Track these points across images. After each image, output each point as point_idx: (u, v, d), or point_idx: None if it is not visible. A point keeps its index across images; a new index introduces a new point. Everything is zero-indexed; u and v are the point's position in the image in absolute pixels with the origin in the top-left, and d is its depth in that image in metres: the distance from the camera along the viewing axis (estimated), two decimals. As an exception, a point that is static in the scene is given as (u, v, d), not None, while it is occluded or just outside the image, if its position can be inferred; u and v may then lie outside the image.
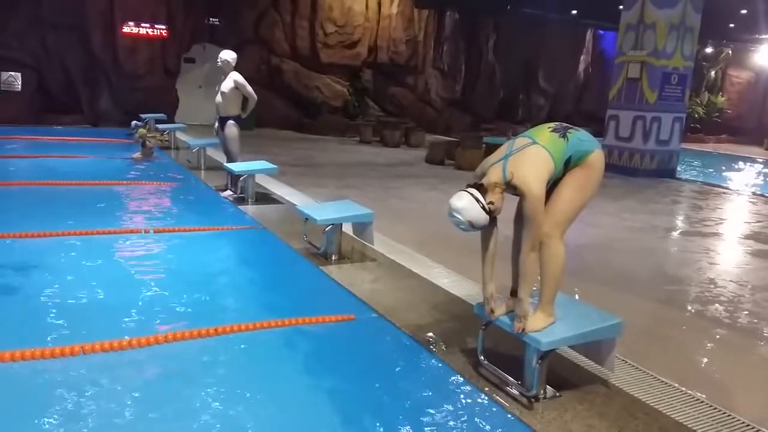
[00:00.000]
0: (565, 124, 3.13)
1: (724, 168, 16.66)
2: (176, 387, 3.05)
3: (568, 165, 3.02)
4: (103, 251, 5.16)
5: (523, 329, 2.96)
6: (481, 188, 2.92)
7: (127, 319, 3.79)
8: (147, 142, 10.36)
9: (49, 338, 3.42)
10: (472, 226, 2.91)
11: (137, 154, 10.13)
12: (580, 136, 3.06)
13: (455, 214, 2.90)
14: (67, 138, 12.14)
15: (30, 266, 4.64)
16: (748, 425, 2.92)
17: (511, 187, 2.95)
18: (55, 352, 3.23)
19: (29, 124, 13.64)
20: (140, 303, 4.09)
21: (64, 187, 7.72)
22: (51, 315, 3.80)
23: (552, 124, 3.13)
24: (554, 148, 2.97)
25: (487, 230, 3.09)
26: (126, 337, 3.46)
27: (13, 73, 14.16)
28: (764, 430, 2.90)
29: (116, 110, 14.84)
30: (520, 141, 3.07)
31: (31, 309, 3.88)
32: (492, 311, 3.14)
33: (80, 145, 11.32)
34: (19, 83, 14.25)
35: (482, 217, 2.89)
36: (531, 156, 2.96)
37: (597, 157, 3.07)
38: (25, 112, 13.99)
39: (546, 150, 2.96)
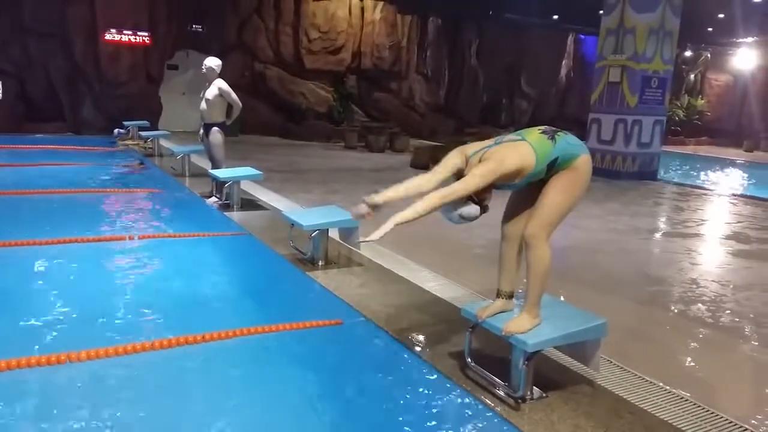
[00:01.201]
0: (554, 128, 3.16)
1: (704, 170, 16.88)
2: (162, 395, 3.04)
3: (553, 167, 3.04)
4: (87, 259, 5.12)
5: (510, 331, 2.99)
6: None
7: (111, 328, 3.76)
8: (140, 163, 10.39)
9: (33, 347, 3.38)
10: (464, 218, 2.97)
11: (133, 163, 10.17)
12: (568, 139, 3.09)
13: (446, 212, 2.95)
14: (49, 146, 12.04)
15: (12, 275, 4.60)
16: (731, 422, 2.97)
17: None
18: (40, 361, 3.20)
19: (10, 132, 13.52)
20: (125, 311, 4.06)
21: (46, 195, 7.65)
22: (35, 324, 3.76)
23: (542, 127, 3.17)
24: (540, 147, 3.00)
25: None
26: (111, 346, 3.43)
27: (-7, 81, 14.03)
28: (747, 427, 2.95)
29: (99, 118, 14.75)
30: (509, 137, 3.13)
31: (14, 318, 3.84)
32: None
33: (63, 153, 11.22)
34: (0, 91, 14.10)
35: (473, 209, 2.95)
36: (511, 145, 3.02)
37: (584, 161, 3.09)
38: (6, 120, 13.85)
39: (531, 146, 2.99)
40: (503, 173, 2.93)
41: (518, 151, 2.98)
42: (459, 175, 3.02)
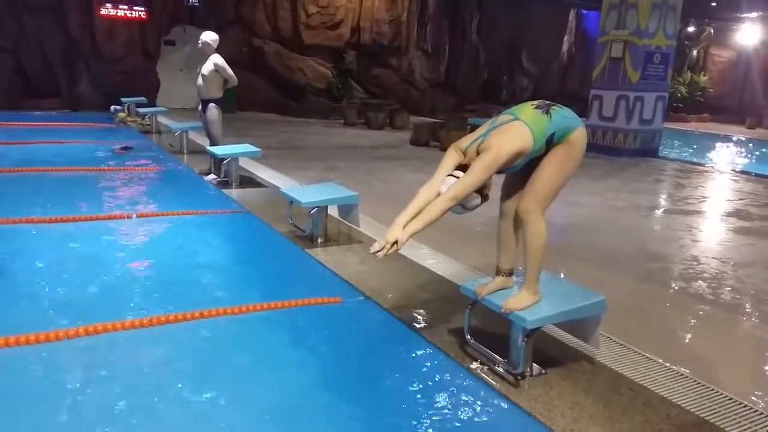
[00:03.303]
0: (548, 102, 3.11)
1: (706, 147, 16.78)
2: (161, 371, 3.04)
3: (551, 143, 3.00)
4: (86, 237, 5.10)
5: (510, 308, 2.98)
6: (466, 169, 2.91)
7: (110, 304, 3.74)
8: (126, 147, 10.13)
9: (32, 324, 3.36)
10: (466, 209, 2.94)
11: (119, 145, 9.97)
12: (564, 113, 3.04)
13: None
14: (46, 123, 11.95)
15: (12, 253, 4.57)
16: (731, 399, 2.96)
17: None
18: (39, 338, 3.19)
19: (7, 109, 13.41)
20: (124, 288, 4.05)
21: (45, 173, 7.60)
22: (34, 301, 3.75)
23: (535, 102, 3.11)
24: (536, 124, 2.95)
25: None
26: (110, 322, 3.42)
27: (-11, 57, 13.88)
28: (746, 402, 2.94)
29: (96, 94, 14.63)
30: (502, 118, 3.06)
31: (13, 295, 3.83)
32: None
33: (60, 130, 11.14)
34: (-4, 67, 13.98)
35: (474, 199, 2.92)
36: (508, 130, 2.95)
37: (579, 135, 3.05)
38: (4, 96, 13.74)
39: (527, 126, 2.94)
40: (504, 161, 2.89)
41: (514, 133, 2.92)
42: (460, 167, 2.97)
